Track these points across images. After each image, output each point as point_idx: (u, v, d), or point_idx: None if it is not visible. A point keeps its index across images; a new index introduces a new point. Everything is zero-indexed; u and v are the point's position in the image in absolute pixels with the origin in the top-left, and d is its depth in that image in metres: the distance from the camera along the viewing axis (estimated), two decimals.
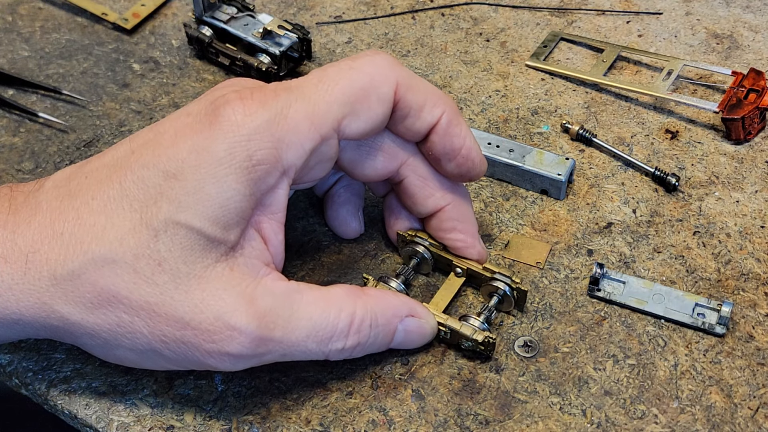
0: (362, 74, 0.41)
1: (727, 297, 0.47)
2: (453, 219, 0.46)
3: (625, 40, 0.64)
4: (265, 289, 0.39)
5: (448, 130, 0.43)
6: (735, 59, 0.62)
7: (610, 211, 0.52)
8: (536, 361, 0.45)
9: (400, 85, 0.41)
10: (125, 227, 0.38)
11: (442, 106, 0.43)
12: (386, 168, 0.45)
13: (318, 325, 0.40)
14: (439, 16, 0.67)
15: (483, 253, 0.47)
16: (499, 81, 0.61)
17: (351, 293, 0.41)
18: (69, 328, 0.38)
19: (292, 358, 0.40)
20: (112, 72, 0.63)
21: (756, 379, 0.44)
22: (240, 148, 0.38)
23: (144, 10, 0.67)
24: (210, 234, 0.38)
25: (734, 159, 0.55)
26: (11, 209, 0.39)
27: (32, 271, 0.38)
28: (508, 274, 0.45)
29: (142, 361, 0.40)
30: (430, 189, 0.45)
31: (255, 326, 0.38)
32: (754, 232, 0.51)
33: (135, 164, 0.38)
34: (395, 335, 0.43)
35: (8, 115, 0.60)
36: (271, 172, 0.39)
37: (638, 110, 0.59)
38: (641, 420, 0.42)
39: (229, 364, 0.39)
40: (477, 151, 0.44)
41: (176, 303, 0.38)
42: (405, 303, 0.43)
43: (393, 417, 0.42)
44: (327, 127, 0.40)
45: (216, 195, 0.37)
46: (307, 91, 0.40)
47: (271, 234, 0.41)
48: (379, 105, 0.41)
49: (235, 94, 0.39)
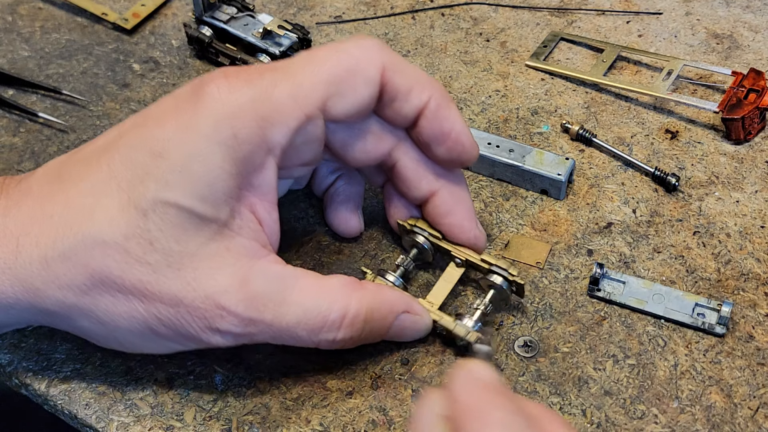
0: (349, 56, 0.41)
1: (727, 297, 0.47)
2: (448, 202, 0.45)
3: (625, 40, 0.64)
4: (260, 271, 0.39)
5: (436, 114, 0.43)
6: (735, 59, 0.62)
7: (610, 211, 0.52)
8: (536, 361, 0.45)
9: (387, 69, 0.41)
10: (114, 208, 0.38)
11: (429, 90, 0.42)
12: (377, 151, 0.44)
13: (309, 314, 0.40)
14: (439, 16, 0.67)
15: (480, 237, 0.46)
16: (499, 81, 0.61)
17: (347, 286, 0.41)
18: (65, 312, 0.39)
19: (282, 342, 0.40)
20: (112, 72, 0.63)
21: (756, 379, 0.44)
22: (225, 125, 0.38)
23: (144, 10, 0.67)
24: (199, 212, 0.38)
25: (734, 159, 0.55)
26: (2, 195, 0.39)
27: (23, 255, 0.38)
28: (505, 267, 0.45)
29: (142, 343, 0.40)
30: (423, 171, 0.45)
31: (244, 307, 0.38)
32: (754, 232, 0.51)
33: (122, 146, 0.39)
34: (390, 330, 0.43)
35: (8, 115, 0.60)
36: (257, 151, 0.39)
37: (638, 110, 0.59)
38: (641, 420, 0.42)
39: (221, 340, 0.39)
40: (467, 135, 0.44)
41: (169, 281, 0.38)
42: (402, 299, 0.43)
43: (393, 417, 0.42)
44: (312, 107, 0.40)
45: (203, 173, 0.37)
46: (293, 71, 0.40)
47: (265, 215, 0.41)
48: (365, 87, 0.41)
49: (219, 73, 0.39)
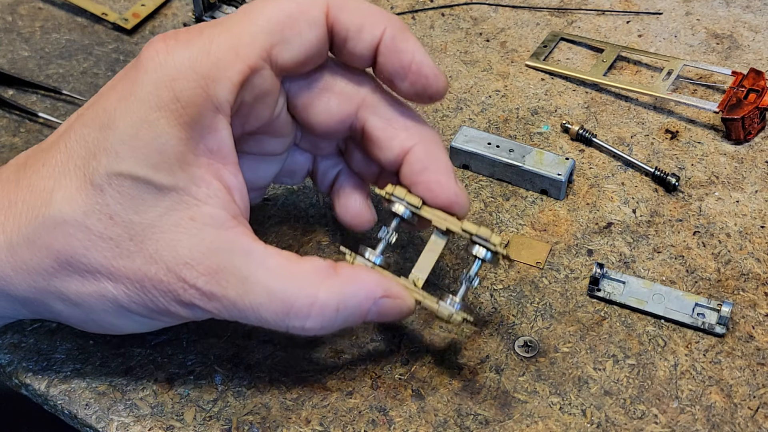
0: (289, 1, 0.39)
1: (727, 297, 0.47)
2: (423, 159, 0.42)
3: (625, 40, 0.64)
4: (225, 244, 0.38)
5: (393, 46, 0.40)
6: (735, 59, 0.62)
7: (610, 211, 0.52)
8: (536, 361, 0.45)
9: (332, 7, 0.39)
10: (72, 186, 0.37)
11: (382, 23, 0.40)
12: (342, 111, 0.42)
13: (273, 297, 0.38)
14: (439, 16, 0.67)
15: (461, 194, 0.43)
16: (499, 81, 0.61)
17: (320, 272, 0.39)
18: (38, 297, 0.38)
19: (250, 323, 0.39)
20: (112, 72, 0.63)
21: (756, 379, 0.44)
22: (165, 88, 0.37)
23: (144, 10, 0.67)
24: (154, 180, 0.37)
25: (734, 159, 0.55)
26: None
27: None
28: (486, 236, 0.41)
29: (120, 323, 0.39)
30: (394, 129, 0.42)
31: (204, 281, 0.37)
32: (754, 232, 0.51)
33: (77, 124, 0.38)
34: (368, 315, 0.40)
35: (8, 115, 0.60)
36: (203, 113, 0.37)
37: (638, 110, 0.59)
38: (641, 420, 0.42)
39: (190, 313, 0.38)
40: (429, 66, 0.41)
41: (132, 254, 0.37)
42: (379, 283, 0.40)
43: (393, 417, 0.42)
44: (254, 57, 0.38)
45: (151, 140, 0.37)
46: (231, 25, 0.38)
47: (231, 179, 0.39)
48: (310, 30, 0.39)
49: (159, 37, 0.38)
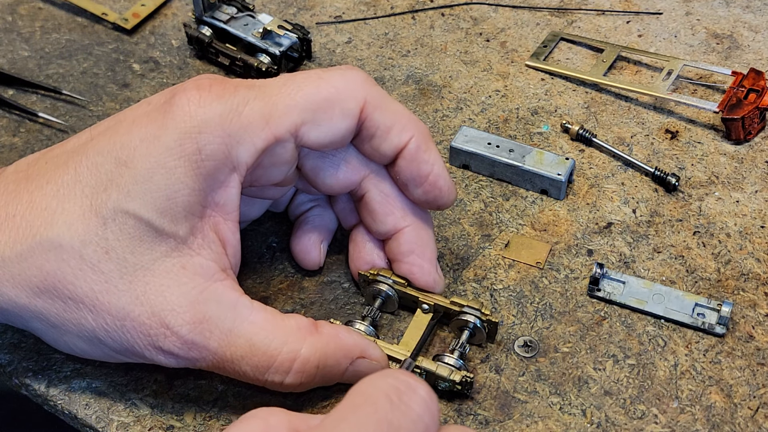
0: (329, 85, 0.40)
1: (727, 297, 0.47)
2: (411, 242, 0.44)
3: (625, 40, 0.64)
4: (213, 295, 0.38)
5: (416, 156, 0.42)
6: (735, 59, 0.62)
7: (610, 211, 0.52)
8: (536, 361, 0.45)
9: (369, 104, 0.40)
10: (75, 213, 0.37)
11: (411, 130, 0.42)
12: (348, 179, 0.43)
13: (256, 350, 0.38)
14: (439, 16, 0.67)
15: (439, 281, 0.45)
16: (499, 81, 0.61)
17: (303, 328, 0.39)
18: (17, 311, 0.39)
19: (227, 374, 0.39)
20: (112, 72, 0.63)
21: (756, 379, 0.44)
22: (190, 139, 0.37)
23: (144, 10, 0.67)
24: (157, 225, 0.37)
25: (734, 159, 0.55)
26: None
27: None
28: (477, 306, 0.44)
29: (91, 350, 0.40)
30: (391, 207, 0.44)
31: (188, 330, 0.38)
32: (754, 232, 0.51)
33: (91, 150, 0.38)
34: (345, 374, 0.41)
35: (8, 115, 0.60)
36: (221, 168, 0.38)
37: (638, 110, 0.59)
38: (641, 420, 0.42)
39: (164, 359, 0.38)
40: (446, 179, 0.43)
41: (119, 292, 0.37)
42: (357, 344, 0.41)
43: None
44: (283, 130, 0.39)
45: (164, 186, 0.37)
46: (269, 91, 0.39)
47: (228, 235, 0.40)
48: (342, 119, 0.40)
49: (193, 84, 0.39)
